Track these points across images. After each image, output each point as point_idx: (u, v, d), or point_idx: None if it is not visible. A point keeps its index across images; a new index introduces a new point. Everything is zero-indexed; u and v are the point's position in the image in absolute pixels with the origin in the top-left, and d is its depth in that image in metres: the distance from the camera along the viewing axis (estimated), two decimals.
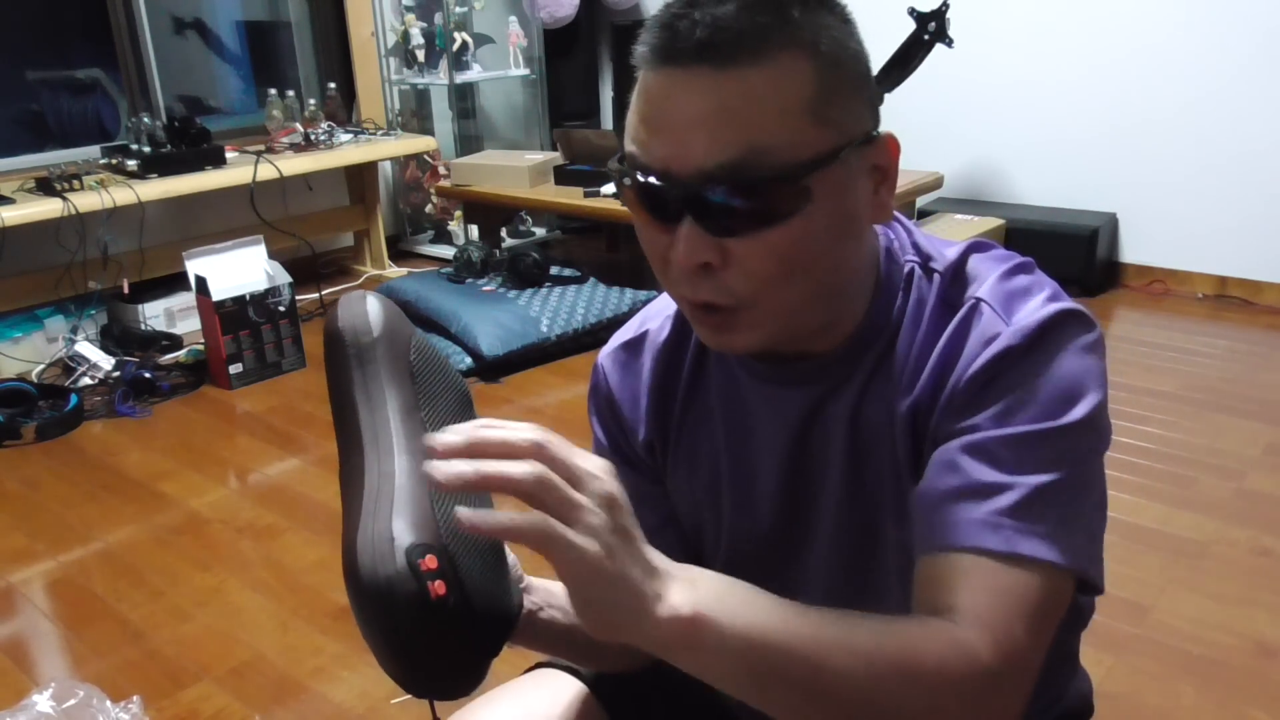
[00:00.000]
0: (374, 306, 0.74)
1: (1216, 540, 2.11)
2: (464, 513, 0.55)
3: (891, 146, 0.72)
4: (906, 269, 0.77)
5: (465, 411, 0.77)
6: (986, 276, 0.74)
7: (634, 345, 0.89)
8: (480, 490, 0.57)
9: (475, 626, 0.65)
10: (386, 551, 0.62)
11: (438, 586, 0.62)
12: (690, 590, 0.60)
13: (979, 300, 0.73)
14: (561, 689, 0.93)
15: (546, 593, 0.80)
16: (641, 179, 0.68)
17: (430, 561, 0.63)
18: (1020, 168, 3.96)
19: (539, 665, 0.98)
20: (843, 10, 0.69)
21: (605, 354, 0.91)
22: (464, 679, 0.68)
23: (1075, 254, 3.56)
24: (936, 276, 0.76)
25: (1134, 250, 3.78)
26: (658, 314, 0.89)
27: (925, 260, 0.77)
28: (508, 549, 0.72)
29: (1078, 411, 0.68)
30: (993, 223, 3.62)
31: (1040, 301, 0.71)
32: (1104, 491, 0.72)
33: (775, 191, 0.65)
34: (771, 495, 0.82)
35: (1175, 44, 3.51)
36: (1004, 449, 0.67)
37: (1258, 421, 2.65)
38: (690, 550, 0.91)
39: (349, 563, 0.63)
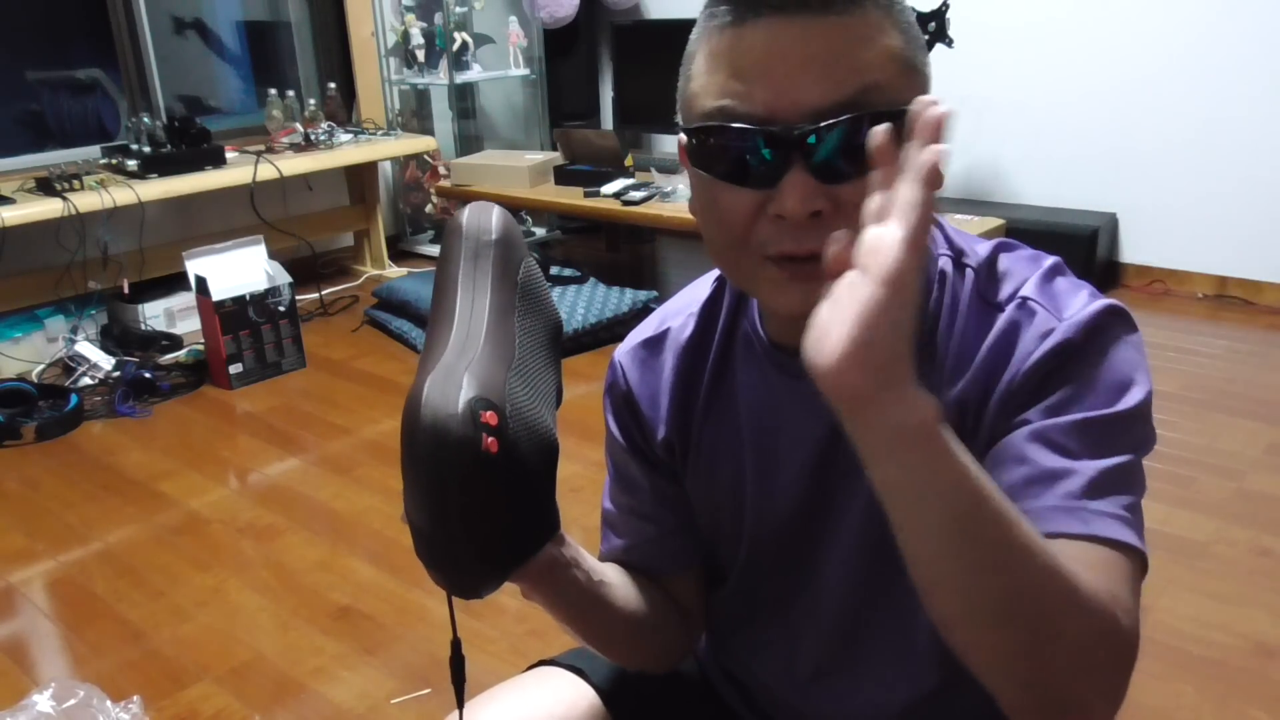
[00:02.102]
0: (500, 216, 0.76)
1: (1216, 540, 2.11)
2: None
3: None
4: (940, 263, 0.77)
5: (555, 340, 0.78)
6: (1026, 276, 0.74)
7: (654, 343, 0.88)
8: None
9: (516, 500, 0.65)
10: (453, 396, 0.63)
11: (491, 443, 0.62)
12: (934, 403, 0.57)
13: (1027, 299, 0.72)
14: (563, 687, 0.92)
15: (576, 551, 0.79)
16: (743, 129, 0.66)
17: (490, 417, 0.63)
18: (1020, 168, 3.96)
19: (540, 663, 0.98)
20: None
21: (623, 351, 0.90)
22: (487, 564, 0.66)
23: (1075, 254, 3.55)
24: (969, 271, 0.76)
25: (1134, 250, 3.78)
26: (678, 312, 0.88)
27: (958, 255, 0.77)
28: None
29: (1132, 399, 0.69)
30: (993, 223, 3.62)
31: (1087, 297, 0.72)
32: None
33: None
34: (798, 490, 0.81)
35: (1176, 44, 3.51)
36: (1065, 436, 0.67)
37: (1258, 421, 2.65)
38: (705, 548, 0.91)
39: (412, 396, 0.63)
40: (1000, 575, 0.58)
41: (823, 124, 0.64)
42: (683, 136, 0.73)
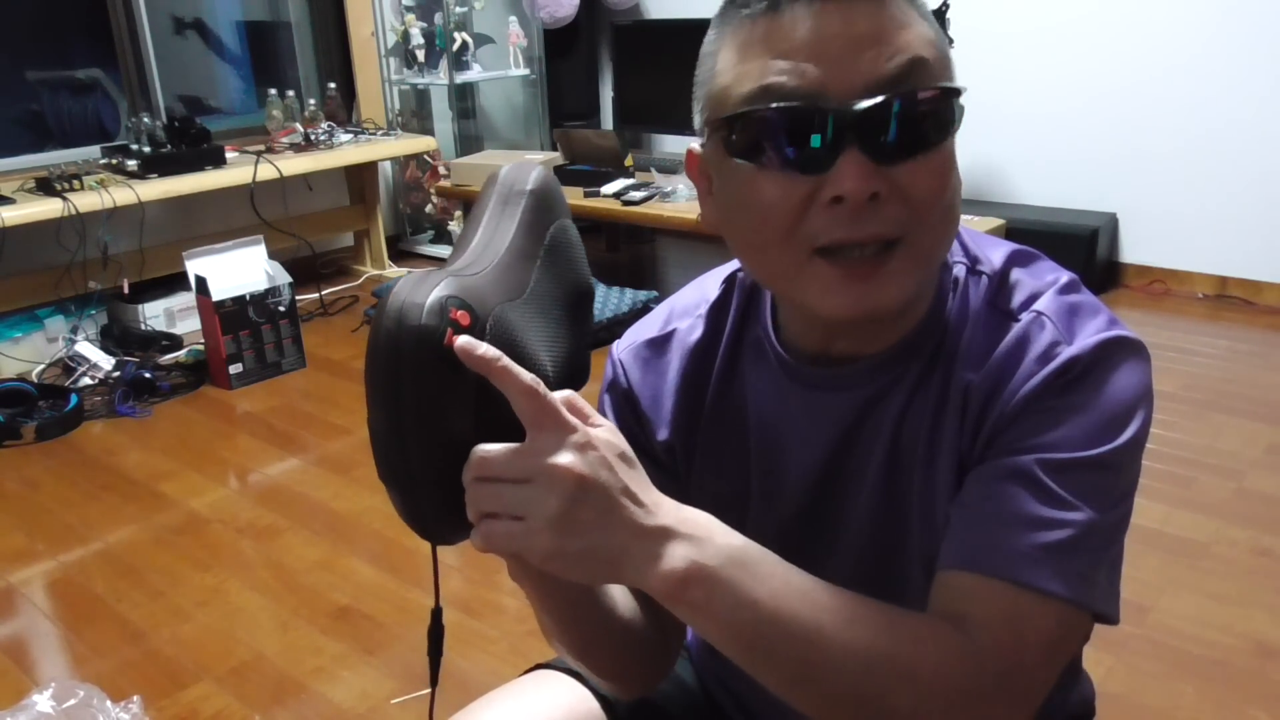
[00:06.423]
0: (540, 172, 0.73)
1: (1216, 540, 2.11)
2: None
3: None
4: (955, 270, 0.76)
5: (580, 308, 0.73)
6: (1042, 289, 0.73)
7: (659, 343, 0.86)
8: None
9: (478, 411, 0.59)
10: (424, 291, 0.59)
11: (455, 340, 0.58)
12: (693, 549, 0.62)
13: (1040, 314, 0.72)
14: (561, 690, 0.92)
15: None
16: (796, 107, 0.64)
17: (462, 316, 0.58)
18: (1020, 168, 3.96)
19: (538, 666, 0.98)
20: None
21: (624, 349, 0.88)
22: (445, 481, 0.60)
23: (1075, 254, 3.55)
24: (984, 279, 0.75)
25: (1134, 250, 3.78)
26: (685, 313, 0.86)
27: (973, 263, 0.76)
28: None
29: (1124, 439, 0.68)
30: (993, 223, 3.62)
31: (1102, 324, 0.71)
32: (1128, 521, 0.73)
33: (940, 104, 0.66)
34: (802, 497, 0.80)
35: (1175, 44, 3.51)
36: (1053, 480, 0.67)
37: (1258, 421, 2.65)
38: None
39: (384, 297, 0.59)
40: (806, 683, 0.64)
41: (883, 97, 0.63)
42: (695, 146, 0.71)
